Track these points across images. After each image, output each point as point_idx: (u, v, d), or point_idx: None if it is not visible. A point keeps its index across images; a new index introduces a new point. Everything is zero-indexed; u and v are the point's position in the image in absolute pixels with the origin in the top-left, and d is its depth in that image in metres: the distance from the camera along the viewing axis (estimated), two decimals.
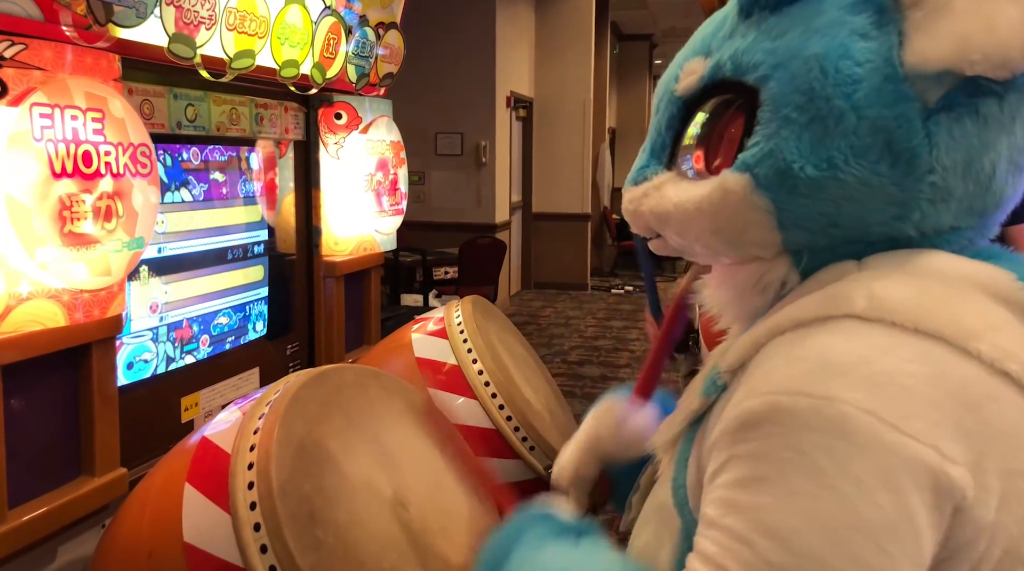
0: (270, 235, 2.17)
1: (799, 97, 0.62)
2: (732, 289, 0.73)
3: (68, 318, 1.29)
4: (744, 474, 0.58)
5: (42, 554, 1.40)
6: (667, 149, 0.73)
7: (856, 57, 0.61)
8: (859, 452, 0.54)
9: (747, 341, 0.65)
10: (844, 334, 0.59)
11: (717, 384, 0.67)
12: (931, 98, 0.61)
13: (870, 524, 0.53)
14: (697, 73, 0.70)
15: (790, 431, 0.56)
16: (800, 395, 0.56)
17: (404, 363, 1.74)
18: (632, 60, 12.92)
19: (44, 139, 1.20)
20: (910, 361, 0.56)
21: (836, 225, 0.64)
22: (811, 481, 0.54)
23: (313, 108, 2.17)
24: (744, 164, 0.64)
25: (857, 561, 0.53)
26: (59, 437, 1.39)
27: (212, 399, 1.87)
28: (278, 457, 1.06)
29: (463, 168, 7.48)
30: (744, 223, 0.66)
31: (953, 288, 0.61)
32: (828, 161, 0.62)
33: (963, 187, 0.63)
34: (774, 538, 0.54)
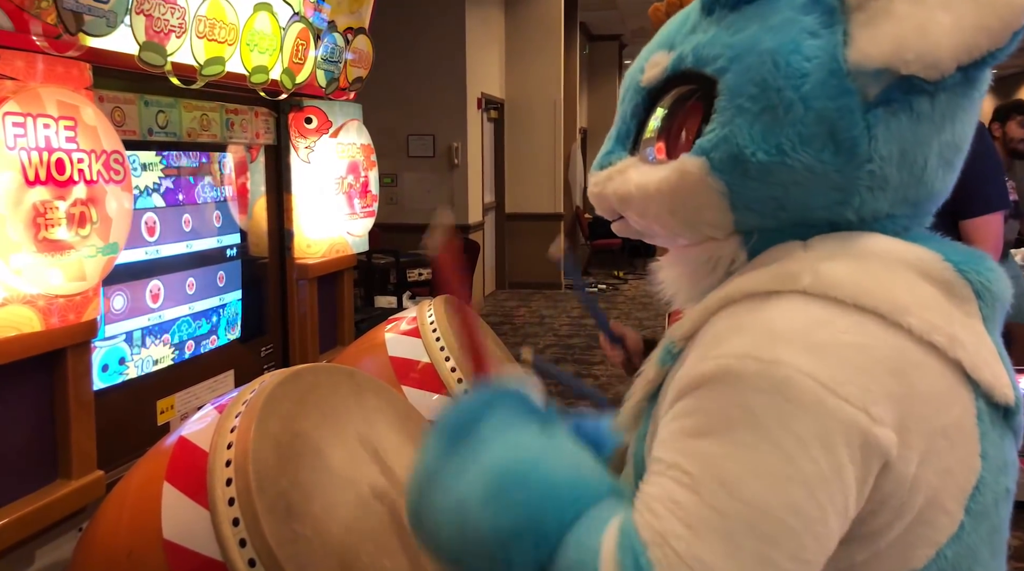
0: (242, 239, 2.19)
1: (753, 88, 0.67)
2: (685, 268, 0.78)
3: (44, 323, 1.31)
4: (694, 426, 0.63)
5: (19, 558, 1.41)
6: (631, 136, 0.79)
7: (805, 53, 0.67)
8: (800, 412, 0.59)
9: (700, 309, 0.70)
10: (790, 307, 0.64)
11: (672, 352, 0.72)
12: (870, 93, 0.66)
13: (806, 476, 0.59)
14: (661, 65, 0.75)
15: (739, 390, 0.61)
16: (748, 358, 0.61)
17: (378, 362, 1.77)
18: (602, 60, 13.00)
19: (17, 147, 1.22)
20: (845, 332, 0.62)
21: (783, 208, 0.70)
22: (757, 436, 0.60)
23: (283, 113, 2.20)
24: (701, 148, 0.69)
25: (793, 508, 0.59)
26: (35, 441, 1.40)
27: (188, 401, 1.89)
28: (255, 453, 1.09)
29: (436, 170, 7.50)
30: (699, 204, 0.71)
31: (888, 268, 0.66)
32: (777, 147, 0.67)
33: (898, 177, 0.68)
34: (721, 484, 0.59)
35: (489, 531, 0.65)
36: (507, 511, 0.65)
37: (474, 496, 0.66)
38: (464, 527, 0.66)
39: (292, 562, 1.03)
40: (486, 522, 0.65)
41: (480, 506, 0.66)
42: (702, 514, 0.59)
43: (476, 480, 0.67)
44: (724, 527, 0.59)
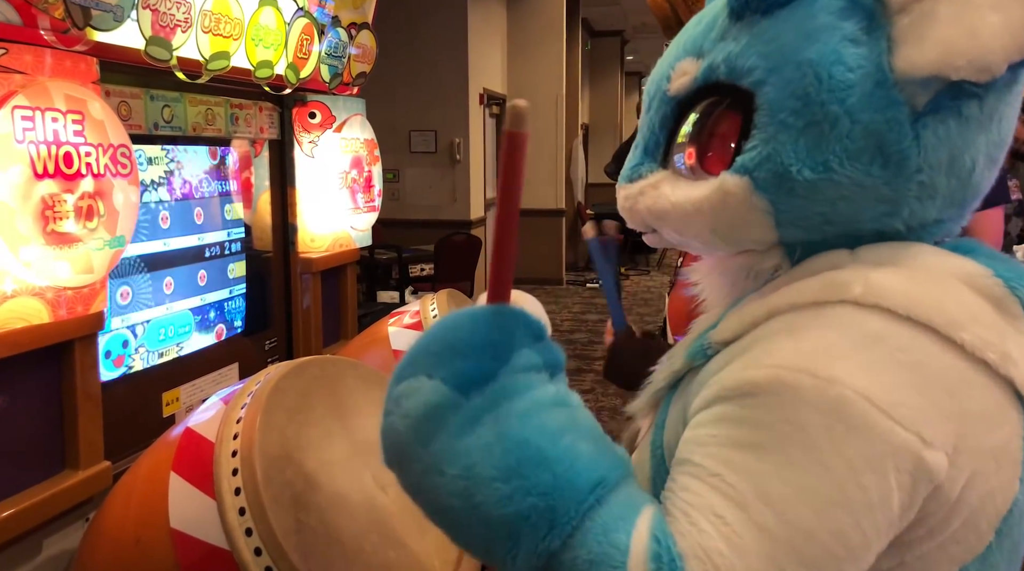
0: (247, 233, 2.20)
1: (795, 102, 0.64)
2: (723, 277, 0.76)
3: (52, 315, 1.32)
4: (742, 437, 0.60)
5: (27, 547, 1.43)
6: (661, 147, 0.75)
7: (848, 63, 0.64)
8: (853, 435, 0.57)
9: (744, 318, 0.68)
10: (844, 319, 0.62)
11: (707, 352, 0.70)
12: (919, 102, 0.64)
13: (854, 503, 0.57)
14: (690, 74, 0.72)
15: (791, 405, 0.59)
16: (803, 373, 0.59)
17: (381, 356, 1.78)
18: (604, 56, 12.98)
19: (26, 141, 1.23)
20: (901, 350, 0.60)
21: (830, 223, 0.67)
22: (807, 457, 0.58)
23: (287, 108, 2.21)
24: (743, 167, 0.66)
25: (839, 535, 0.57)
26: (43, 432, 1.42)
27: (193, 394, 1.90)
28: (261, 444, 1.10)
29: (437, 165, 7.50)
30: (743, 223, 0.69)
31: (939, 281, 0.64)
32: (824, 164, 0.64)
33: (947, 183, 0.66)
34: (768, 504, 0.57)
35: (498, 510, 0.59)
36: (522, 493, 0.59)
37: (486, 466, 0.59)
38: (470, 497, 0.59)
39: (297, 551, 1.05)
40: (496, 499, 0.59)
41: (492, 480, 0.59)
42: (747, 533, 0.57)
43: (490, 447, 0.60)
44: (769, 549, 0.57)
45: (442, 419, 0.61)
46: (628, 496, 0.61)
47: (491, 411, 0.61)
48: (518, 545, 0.59)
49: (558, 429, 0.61)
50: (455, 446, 0.60)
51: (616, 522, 0.59)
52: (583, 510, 0.59)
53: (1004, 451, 0.62)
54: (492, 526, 0.59)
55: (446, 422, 0.61)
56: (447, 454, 0.60)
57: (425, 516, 0.63)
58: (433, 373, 0.62)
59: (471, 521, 0.60)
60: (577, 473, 0.60)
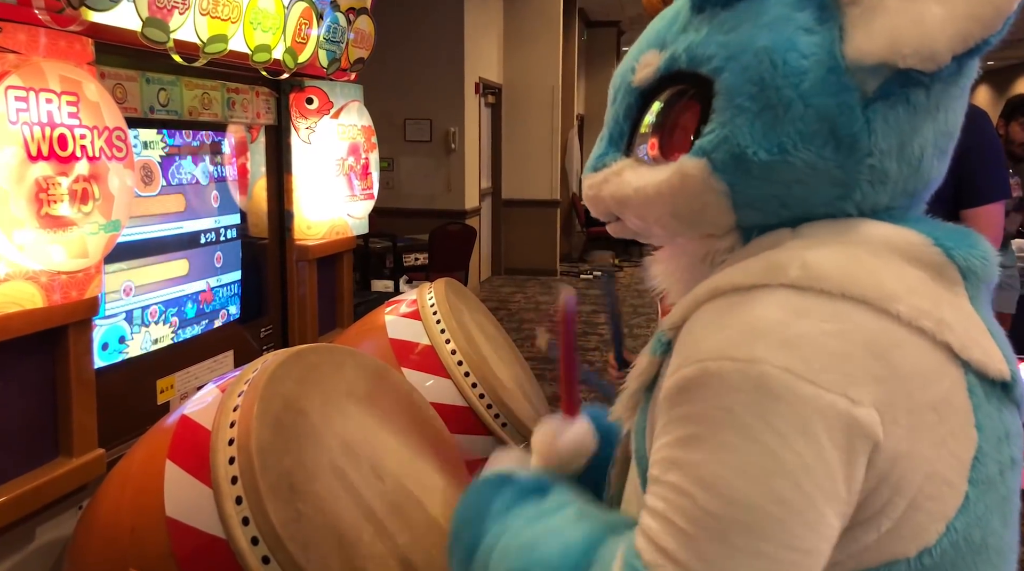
0: (242, 219, 2.18)
1: (751, 87, 0.67)
2: (681, 262, 0.78)
3: (46, 299, 1.30)
4: (681, 434, 0.64)
5: (20, 535, 1.41)
6: (625, 137, 0.78)
7: (802, 50, 0.66)
8: (778, 405, 0.60)
9: (689, 300, 0.71)
10: (772, 301, 0.65)
11: (662, 341, 0.73)
12: (869, 88, 0.66)
13: (790, 468, 0.60)
14: (653, 65, 0.74)
15: (718, 392, 0.62)
16: (725, 359, 0.62)
17: (378, 345, 1.77)
18: (600, 47, 12.95)
19: (20, 122, 1.21)
20: (824, 321, 0.63)
21: (785, 206, 0.70)
22: (739, 436, 0.61)
23: (284, 93, 2.18)
24: (701, 149, 0.69)
25: (778, 499, 0.60)
26: (37, 418, 1.40)
27: (187, 381, 1.89)
28: (258, 432, 1.09)
29: (432, 154, 7.47)
30: (702, 205, 0.71)
31: (876, 254, 0.67)
32: (779, 146, 0.67)
33: (897, 169, 0.69)
34: (709, 489, 0.61)
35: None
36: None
37: None
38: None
39: (295, 541, 1.04)
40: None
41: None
42: (692, 523, 0.61)
43: None
44: (716, 529, 0.60)
45: None
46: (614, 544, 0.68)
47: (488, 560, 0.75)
48: None
49: (540, 533, 0.74)
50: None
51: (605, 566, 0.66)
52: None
53: (945, 402, 0.65)
54: None
55: None
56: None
57: None
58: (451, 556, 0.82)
59: None
60: (569, 552, 0.70)
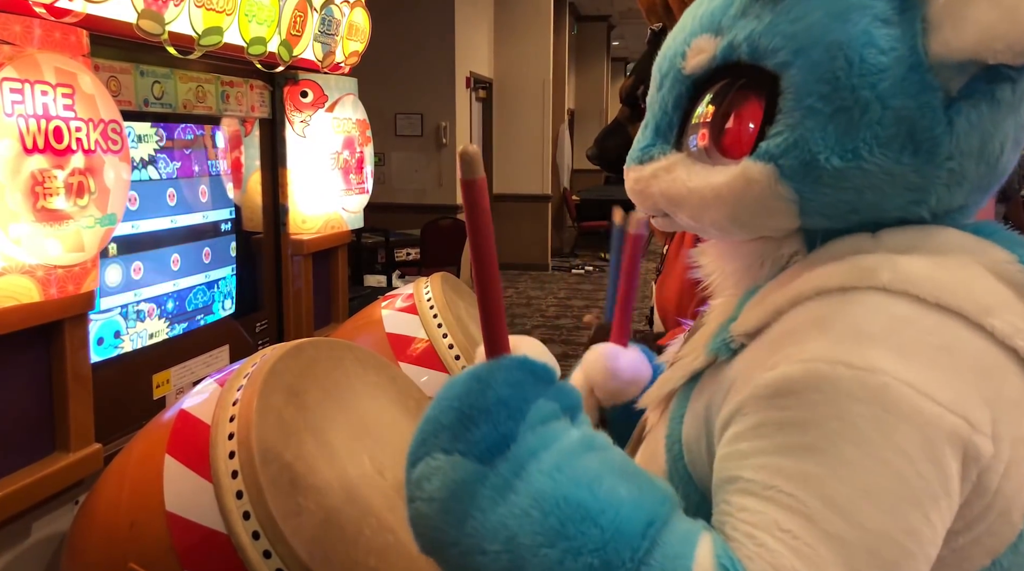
0: (236, 213, 2.17)
1: (823, 87, 0.62)
2: (737, 262, 0.74)
3: (42, 294, 1.29)
4: (788, 442, 0.57)
5: (16, 530, 1.41)
6: (675, 128, 0.72)
7: (880, 45, 0.61)
8: (903, 423, 0.55)
9: (767, 307, 0.65)
10: (872, 305, 0.60)
11: (730, 346, 0.67)
12: (953, 87, 0.61)
13: (918, 495, 0.55)
14: (708, 52, 0.68)
15: (833, 399, 0.56)
16: (840, 364, 0.57)
17: (374, 339, 1.77)
18: (590, 41, 12.93)
19: (15, 114, 1.20)
20: (931, 333, 0.58)
21: (856, 211, 0.65)
22: (861, 452, 0.55)
23: (279, 86, 2.17)
24: (768, 154, 0.64)
25: (910, 531, 0.55)
26: (33, 413, 1.39)
27: (183, 376, 1.88)
28: (258, 427, 1.08)
29: (424, 149, 7.45)
30: (766, 211, 0.66)
31: (965, 267, 0.63)
32: (853, 151, 0.62)
33: (976, 169, 0.64)
34: (835, 509, 0.55)
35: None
36: (574, 554, 0.55)
37: (529, 533, 0.56)
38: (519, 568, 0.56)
39: (296, 535, 1.03)
40: (549, 568, 0.55)
41: (539, 546, 0.55)
42: (819, 544, 0.54)
43: (529, 512, 0.56)
44: (844, 557, 0.54)
45: (471, 495, 0.58)
46: (681, 531, 0.58)
47: (519, 475, 0.58)
48: None
49: (593, 477, 0.58)
50: (491, 520, 0.57)
51: (674, 562, 0.55)
52: (639, 557, 0.55)
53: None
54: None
55: (476, 497, 0.58)
56: (484, 531, 0.57)
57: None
58: (450, 447, 0.59)
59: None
60: (624, 520, 0.56)
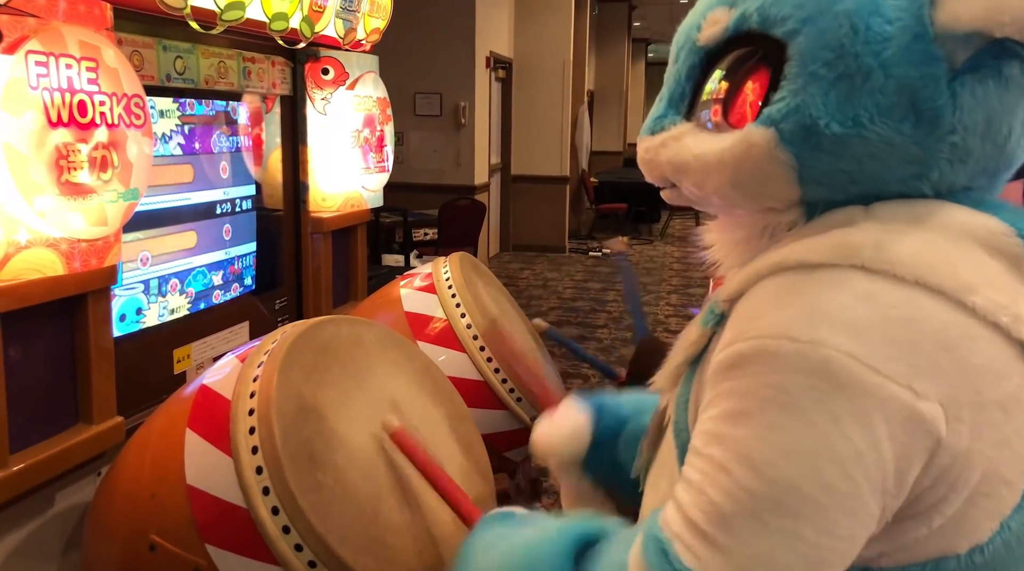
0: (257, 190, 2.17)
1: (828, 53, 0.62)
2: (737, 234, 0.75)
3: (66, 267, 1.30)
4: (727, 408, 0.62)
5: (40, 500, 1.43)
6: (686, 99, 0.73)
7: (887, 15, 0.62)
8: (838, 391, 0.58)
9: (749, 271, 0.67)
10: (840, 282, 0.61)
11: (715, 313, 0.69)
12: (958, 59, 0.62)
13: (839, 453, 0.58)
14: (721, 23, 0.69)
15: (773, 370, 0.59)
16: (784, 338, 0.59)
17: (393, 318, 1.77)
18: (611, 22, 12.81)
19: (40, 87, 1.20)
20: (892, 307, 0.60)
21: (855, 182, 0.65)
22: (789, 417, 0.58)
23: (300, 63, 2.16)
24: (769, 118, 0.65)
25: (822, 485, 0.58)
26: (57, 385, 1.41)
27: (204, 352, 1.89)
28: (278, 403, 1.09)
29: (442, 129, 7.44)
30: (765, 177, 0.67)
31: (953, 242, 0.63)
32: (854, 119, 0.62)
33: (981, 148, 0.64)
34: (749, 466, 0.59)
35: None
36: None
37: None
38: None
39: (315, 510, 1.04)
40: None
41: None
42: (726, 498, 0.59)
43: None
44: (751, 508, 0.58)
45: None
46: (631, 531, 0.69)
47: None
48: None
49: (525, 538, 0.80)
50: None
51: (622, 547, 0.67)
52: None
53: (1014, 400, 0.61)
54: None
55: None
56: None
57: None
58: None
59: None
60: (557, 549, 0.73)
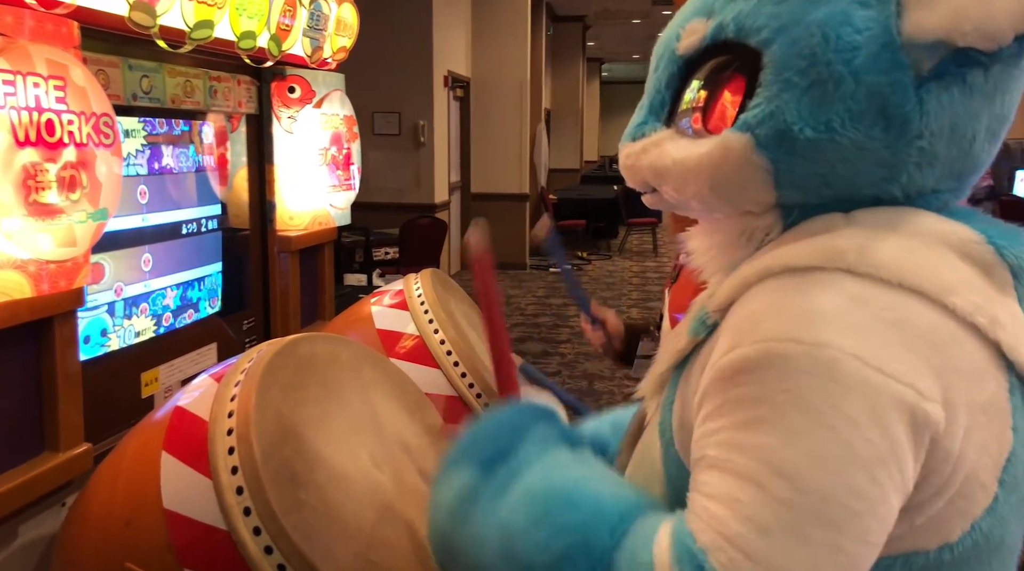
0: (223, 210, 2.15)
1: (801, 61, 0.65)
2: (718, 239, 0.77)
3: (35, 289, 1.27)
4: (744, 417, 0.61)
5: (3, 533, 1.38)
6: (666, 107, 0.75)
7: (856, 24, 0.64)
8: (850, 393, 0.58)
9: (736, 281, 0.68)
10: (830, 285, 0.63)
11: (706, 323, 0.70)
12: (924, 67, 0.64)
13: (865, 458, 0.58)
14: (699, 33, 0.72)
15: (784, 375, 0.60)
16: (791, 341, 0.60)
17: (364, 336, 1.76)
18: (566, 42, 12.99)
19: (7, 106, 1.17)
20: (885, 309, 0.62)
21: (829, 185, 0.68)
22: (809, 420, 0.58)
23: (265, 82, 2.15)
24: (746, 124, 0.67)
25: (856, 492, 0.58)
26: (21, 412, 1.37)
27: (171, 375, 1.86)
28: (258, 422, 1.08)
29: (401, 148, 7.43)
30: (742, 181, 0.69)
31: (930, 247, 0.66)
32: (826, 124, 0.65)
33: (947, 152, 0.67)
34: (782, 476, 0.58)
35: (539, 556, 0.64)
36: (557, 534, 0.64)
37: (520, 520, 0.66)
38: (511, 554, 0.65)
39: (298, 530, 1.03)
40: (535, 547, 0.64)
41: (527, 530, 0.65)
42: (765, 509, 0.58)
43: (521, 503, 0.67)
44: (790, 520, 0.57)
45: (473, 497, 0.69)
46: (653, 519, 0.65)
47: (516, 477, 0.69)
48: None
49: (579, 477, 0.69)
50: (489, 516, 0.68)
51: (641, 541, 0.63)
52: (616, 539, 0.63)
53: (992, 405, 0.64)
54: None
55: (478, 498, 0.69)
56: (484, 525, 0.68)
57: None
58: (461, 464, 0.72)
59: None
60: (604, 507, 0.65)
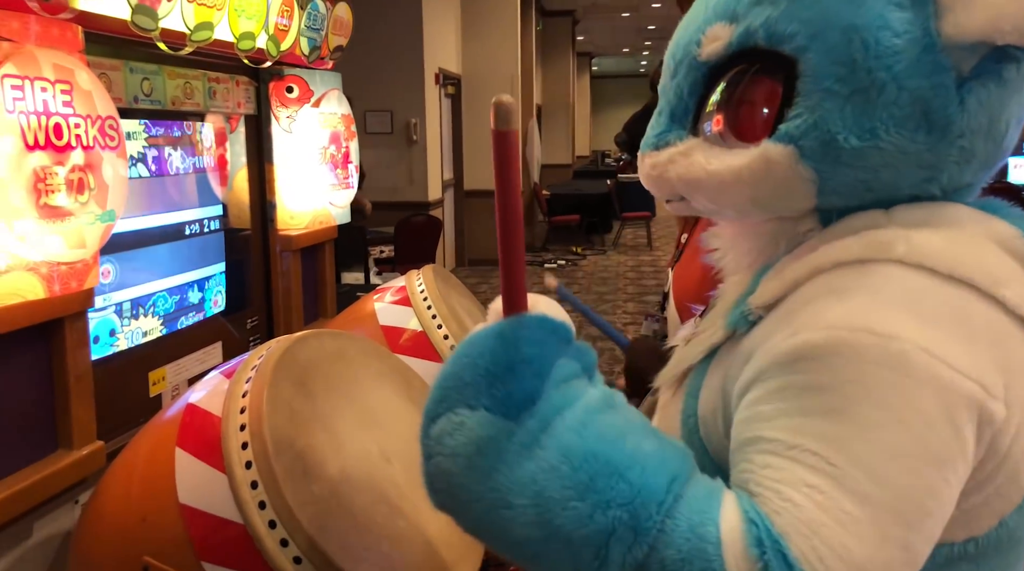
0: (224, 211, 2.16)
1: (840, 69, 0.64)
2: (750, 242, 0.76)
3: (47, 290, 1.29)
4: (811, 404, 0.58)
5: (18, 531, 1.40)
6: (690, 114, 0.73)
7: (895, 28, 0.63)
8: (922, 387, 0.57)
9: (785, 278, 0.67)
10: (889, 276, 0.62)
11: (748, 319, 0.69)
12: (965, 67, 0.64)
13: (938, 456, 0.57)
14: (723, 39, 0.70)
15: (855, 364, 0.58)
16: (862, 331, 0.58)
17: (370, 332, 1.78)
18: (555, 37, 12.98)
19: (16, 111, 1.19)
20: (945, 304, 0.61)
21: (871, 190, 0.67)
22: (883, 414, 0.57)
23: (264, 82, 2.16)
24: (788, 136, 0.66)
25: (931, 491, 0.57)
26: (34, 411, 1.38)
27: (178, 374, 1.87)
28: (270, 417, 1.10)
29: (394, 146, 7.43)
30: (786, 192, 0.68)
31: (975, 239, 0.65)
32: (871, 131, 0.64)
33: (984, 147, 0.67)
34: (860, 467, 0.56)
35: (583, 530, 0.56)
36: (603, 506, 0.56)
37: (557, 487, 0.57)
38: (546, 521, 0.57)
39: (313, 523, 1.05)
40: (577, 519, 0.56)
41: (569, 500, 0.56)
42: (846, 500, 0.55)
43: (557, 468, 0.57)
44: (871, 514, 0.55)
45: (497, 450, 0.58)
46: (705, 487, 0.59)
47: (546, 431, 0.58)
48: (606, 560, 0.56)
49: (618, 434, 0.59)
50: (518, 475, 0.57)
51: (700, 515, 0.56)
52: (664, 511, 0.56)
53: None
54: (576, 547, 0.56)
55: (502, 452, 0.58)
56: (511, 485, 0.57)
57: (497, 551, 0.60)
58: (475, 403, 0.59)
59: (553, 547, 0.57)
60: (651, 475, 0.57)
